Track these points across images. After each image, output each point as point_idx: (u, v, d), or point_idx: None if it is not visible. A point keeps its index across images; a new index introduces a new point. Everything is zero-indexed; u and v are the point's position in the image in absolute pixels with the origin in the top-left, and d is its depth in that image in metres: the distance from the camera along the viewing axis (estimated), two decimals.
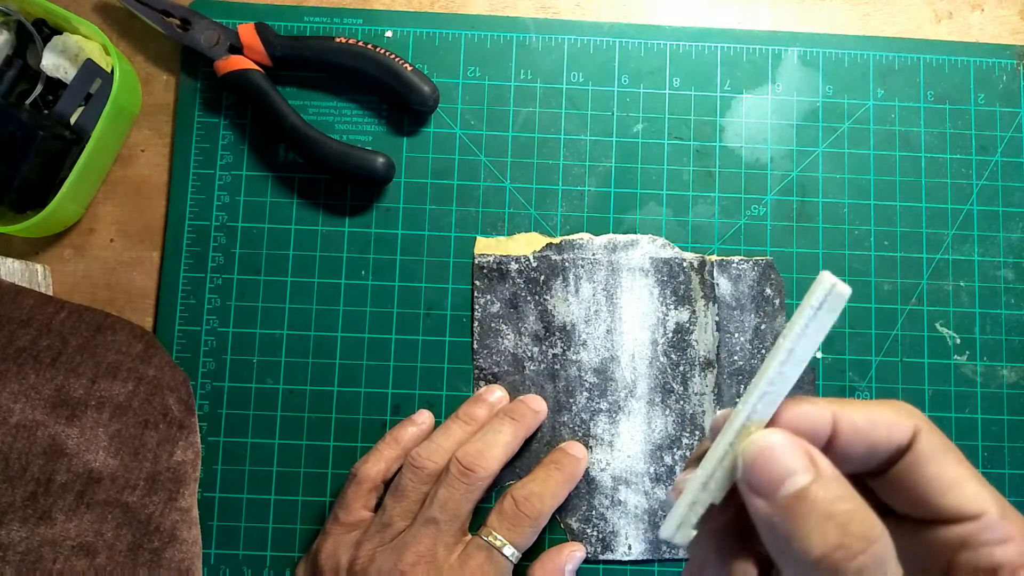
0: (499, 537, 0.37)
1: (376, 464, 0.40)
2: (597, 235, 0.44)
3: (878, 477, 0.22)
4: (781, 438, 0.20)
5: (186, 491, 0.36)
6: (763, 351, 0.43)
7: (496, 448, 0.39)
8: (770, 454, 0.19)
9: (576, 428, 0.42)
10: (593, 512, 0.42)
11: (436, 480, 0.39)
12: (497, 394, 0.42)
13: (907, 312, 0.44)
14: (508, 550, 0.37)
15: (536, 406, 0.42)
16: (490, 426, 0.40)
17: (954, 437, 0.43)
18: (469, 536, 0.38)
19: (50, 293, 0.43)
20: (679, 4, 0.46)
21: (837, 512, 0.18)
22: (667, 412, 0.42)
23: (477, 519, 0.40)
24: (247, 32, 0.43)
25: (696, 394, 0.43)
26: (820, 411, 0.21)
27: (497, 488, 0.42)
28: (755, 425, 0.20)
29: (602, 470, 0.42)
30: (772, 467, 0.19)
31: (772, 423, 0.20)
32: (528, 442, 0.42)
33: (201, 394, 0.42)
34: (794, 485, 0.19)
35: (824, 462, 0.19)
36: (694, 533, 0.21)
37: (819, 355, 0.44)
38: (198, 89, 0.44)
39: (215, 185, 0.44)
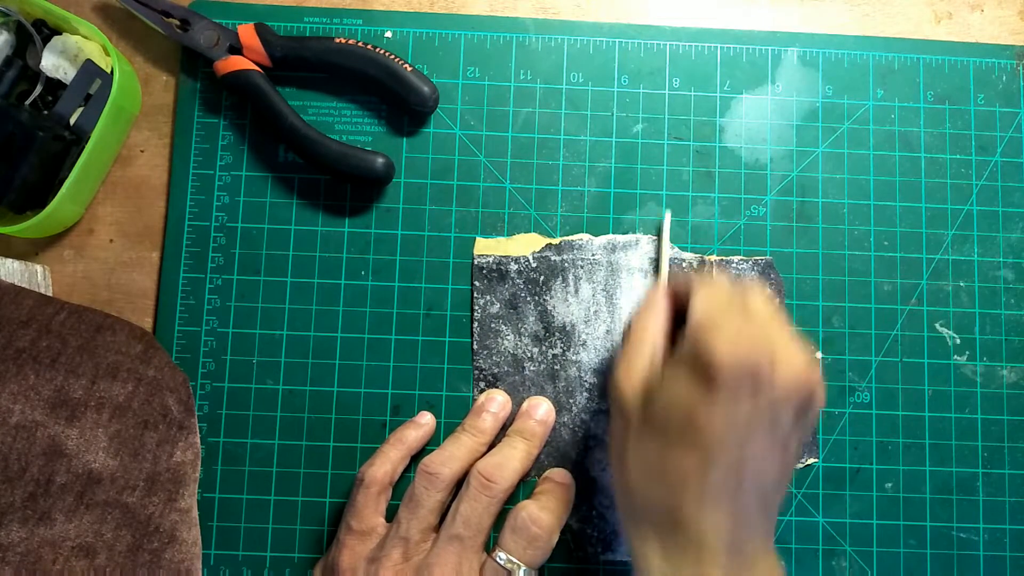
0: (514, 560, 0.37)
1: (383, 466, 0.40)
2: (597, 235, 0.44)
3: None
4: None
5: (186, 492, 0.36)
6: None
7: (514, 461, 0.39)
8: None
9: (576, 429, 0.42)
10: (593, 512, 0.42)
11: (449, 490, 0.39)
12: (499, 400, 0.42)
13: (907, 312, 0.44)
14: (523, 572, 0.37)
15: (542, 416, 0.42)
16: (505, 442, 0.41)
17: (954, 437, 0.43)
18: (485, 555, 0.38)
19: (50, 294, 0.43)
20: (679, 4, 0.46)
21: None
22: None
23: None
24: (247, 32, 0.43)
25: None
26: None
27: None
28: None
29: (603, 470, 0.42)
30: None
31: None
32: None
33: (201, 395, 0.42)
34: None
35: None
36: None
37: (819, 355, 0.44)
38: (198, 89, 0.44)
39: (215, 185, 0.44)
